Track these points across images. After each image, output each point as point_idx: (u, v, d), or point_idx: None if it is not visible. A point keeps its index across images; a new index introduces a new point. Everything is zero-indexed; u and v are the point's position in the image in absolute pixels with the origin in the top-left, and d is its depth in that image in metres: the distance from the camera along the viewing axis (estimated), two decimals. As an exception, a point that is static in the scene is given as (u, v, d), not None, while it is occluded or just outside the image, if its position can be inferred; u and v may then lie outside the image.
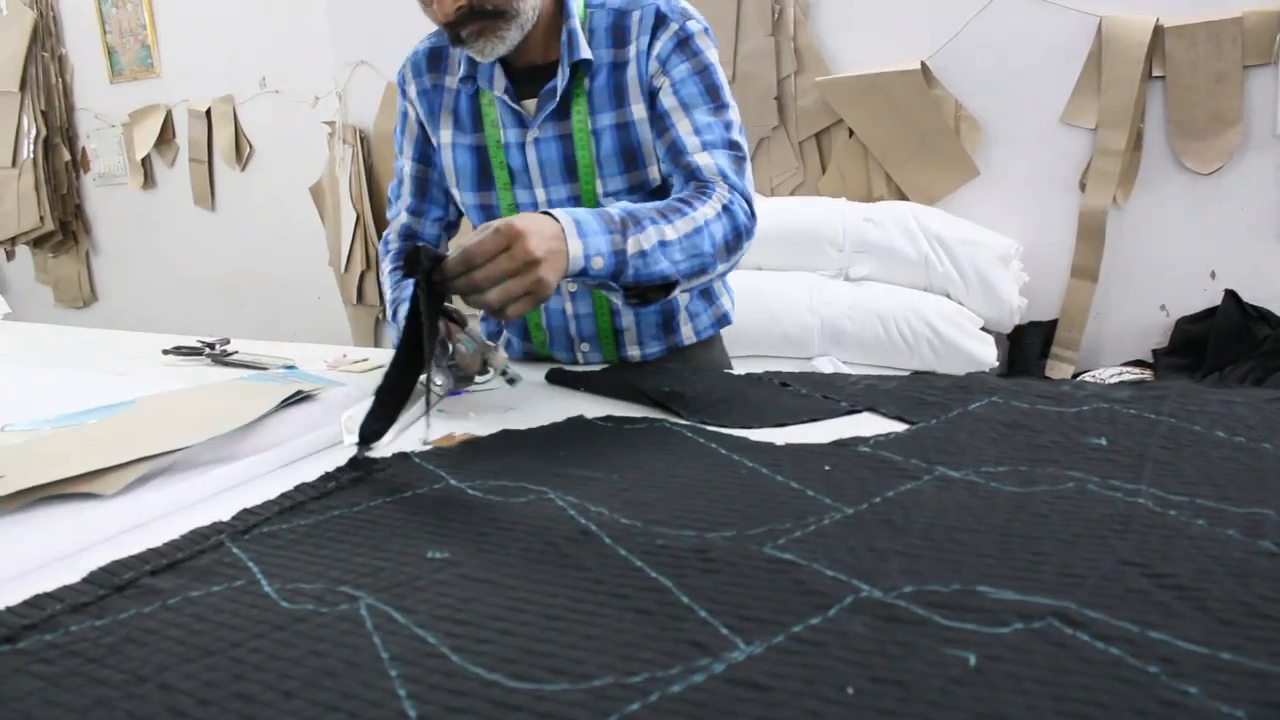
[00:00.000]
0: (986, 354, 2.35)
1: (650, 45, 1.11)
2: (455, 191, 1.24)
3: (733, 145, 1.10)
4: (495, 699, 0.44)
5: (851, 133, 2.68)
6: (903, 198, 2.64)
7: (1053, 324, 2.55)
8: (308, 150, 3.74)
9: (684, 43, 1.11)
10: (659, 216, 0.97)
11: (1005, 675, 0.43)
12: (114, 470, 0.77)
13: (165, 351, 1.41)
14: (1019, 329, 2.55)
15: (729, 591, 0.53)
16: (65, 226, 4.66)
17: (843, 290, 2.46)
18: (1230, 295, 2.31)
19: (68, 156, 4.57)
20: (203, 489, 0.78)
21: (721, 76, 1.13)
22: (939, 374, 1.05)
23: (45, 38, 4.44)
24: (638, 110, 1.13)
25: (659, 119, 1.12)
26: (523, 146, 1.16)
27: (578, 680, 0.45)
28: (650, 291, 0.99)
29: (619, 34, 1.13)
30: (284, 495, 0.75)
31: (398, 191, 1.29)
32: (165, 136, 4.23)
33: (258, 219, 4.08)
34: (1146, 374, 2.35)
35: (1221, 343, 2.27)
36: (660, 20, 1.11)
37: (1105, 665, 0.43)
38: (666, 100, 1.11)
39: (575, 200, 1.16)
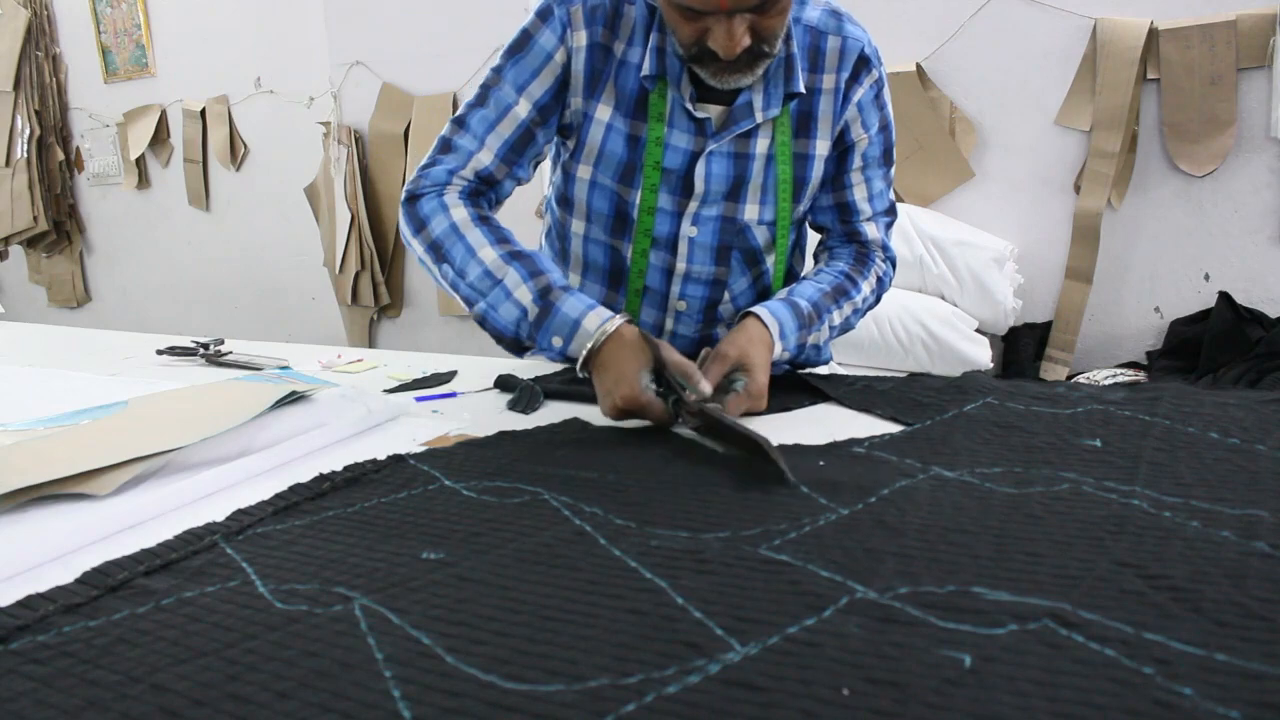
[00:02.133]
0: (981, 355, 2.36)
1: (851, 87, 1.06)
2: (583, 168, 1.09)
3: (891, 210, 1.16)
4: (490, 700, 0.44)
5: (847, 134, 2.68)
6: (898, 199, 2.65)
7: (1047, 325, 2.56)
8: (303, 151, 3.74)
9: (879, 96, 1.09)
10: (833, 303, 1.07)
11: (1001, 676, 0.43)
12: (107, 471, 0.77)
13: (159, 352, 1.40)
14: (1014, 330, 2.56)
15: (724, 592, 0.53)
16: (59, 226, 4.65)
17: (838, 292, 2.46)
18: (1224, 297, 2.32)
19: (62, 156, 4.55)
20: (197, 489, 0.78)
21: (894, 132, 1.13)
22: (934, 375, 1.05)
23: (39, 37, 4.43)
24: (821, 146, 1.08)
25: (840, 171, 1.11)
26: (690, 154, 1.05)
27: (573, 681, 0.45)
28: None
29: (814, 57, 1.05)
30: (278, 496, 0.75)
31: (483, 124, 1.06)
32: (160, 136, 4.23)
33: (252, 219, 4.07)
34: (1141, 376, 2.36)
35: (1215, 344, 2.28)
36: (865, 62, 1.06)
37: (1100, 666, 0.43)
38: (855, 159, 1.10)
39: (720, 220, 1.08)
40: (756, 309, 1.01)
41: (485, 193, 1.08)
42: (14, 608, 0.57)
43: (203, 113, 4.02)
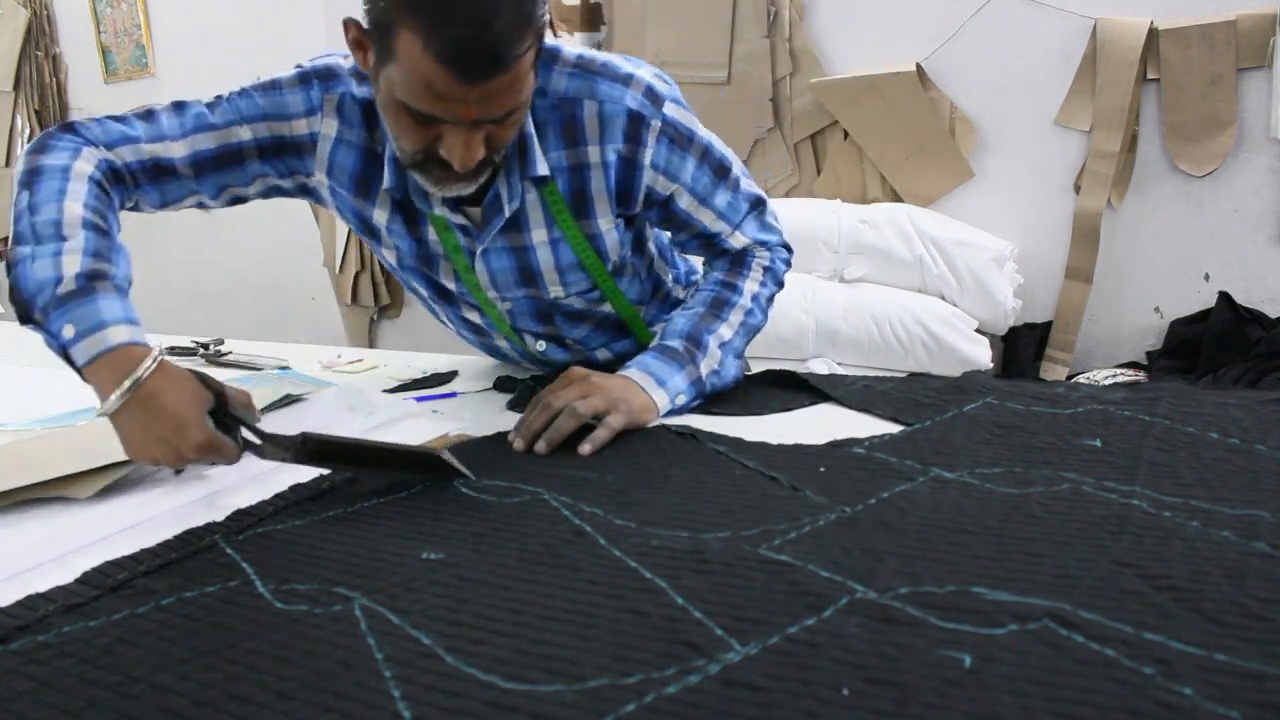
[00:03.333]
0: (981, 356, 2.36)
1: (637, 153, 0.96)
2: (382, 252, 1.06)
3: (755, 204, 1.07)
4: (490, 700, 0.44)
5: (847, 134, 2.68)
6: (898, 199, 2.65)
7: (1047, 326, 2.56)
8: (303, 151, 3.74)
9: (675, 139, 0.97)
10: (714, 320, 1.01)
11: (1001, 676, 0.43)
12: (88, 475, 0.77)
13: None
14: (1013, 331, 2.56)
15: (724, 593, 0.53)
16: (59, 226, 4.64)
17: (838, 292, 2.46)
18: (1224, 297, 2.31)
19: (62, 156, 4.55)
20: (196, 489, 0.78)
21: (716, 142, 1.03)
22: (934, 375, 1.05)
23: (39, 37, 4.43)
24: (603, 224, 1.00)
25: (675, 218, 1.03)
26: (471, 254, 1.01)
27: (573, 681, 0.45)
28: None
29: (570, 130, 0.95)
30: (278, 496, 0.75)
31: (162, 125, 0.99)
32: (160, 136, 4.22)
33: (252, 220, 4.06)
34: (1140, 376, 2.36)
35: (1215, 345, 2.28)
36: (637, 121, 0.94)
37: (1100, 666, 0.43)
38: (683, 201, 1.02)
39: (530, 299, 1.06)
40: (624, 371, 0.95)
41: (133, 182, 0.96)
42: (14, 608, 0.57)
43: (203, 113, 4.02)
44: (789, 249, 1.13)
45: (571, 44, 1.00)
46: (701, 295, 1.05)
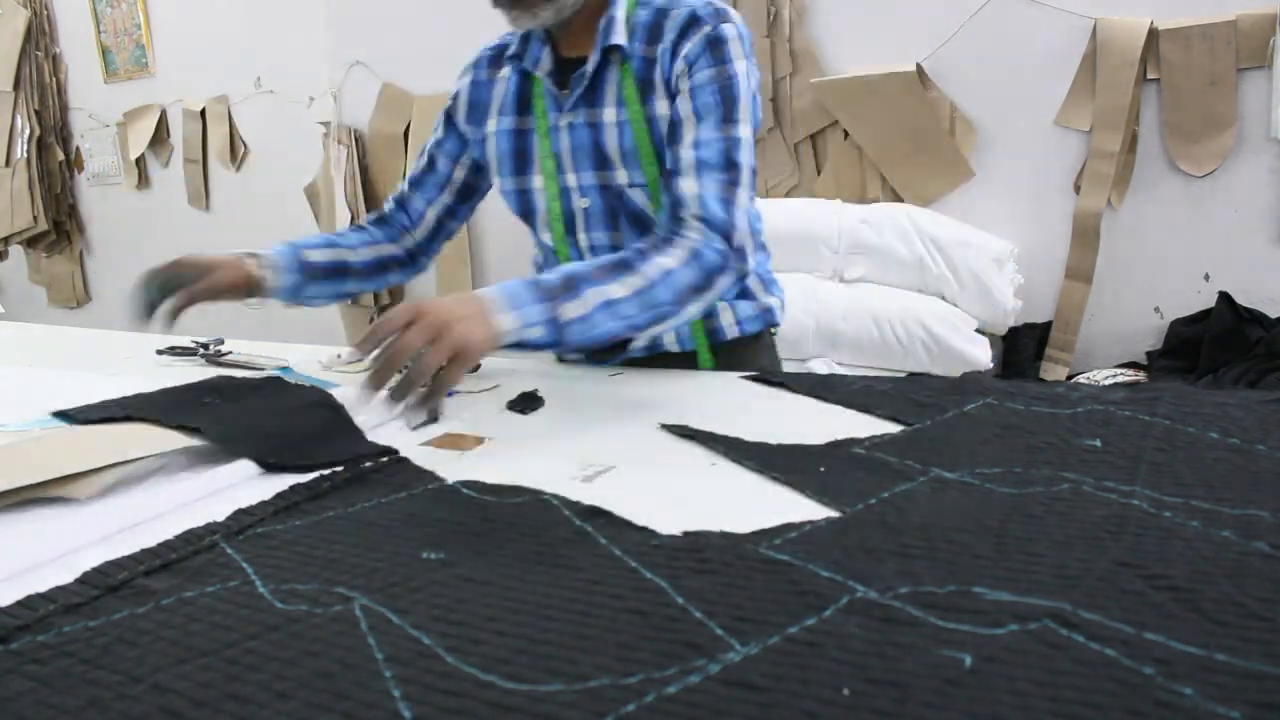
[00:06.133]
0: (981, 356, 2.36)
1: (678, 43, 1.10)
2: (497, 180, 1.26)
3: (729, 166, 1.04)
4: (490, 700, 0.44)
5: (847, 134, 2.68)
6: (898, 199, 2.65)
7: (1047, 326, 2.56)
8: (303, 151, 3.74)
9: (714, 45, 1.07)
10: (604, 276, 0.95)
11: (1001, 676, 0.43)
12: (89, 475, 0.76)
13: (159, 352, 1.40)
14: (1013, 331, 2.56)
15: (724, 592, 0.53)
16: (59, 226, 4.64)
17: (838, 292, 2.46)
18: (1224, 297, 2.31)
19: (61, 156, 4.55)
20: (196, 489, 0.78)
21: (745, 90, 1.07)
22: (934, 375, 1.05)
23: (39, 37, 4.43)
24: (660, 106, 1.12)
25: (673, 125, 1.09)
26: (557, 130, 1.17)
27: (573, 681, 0.45)
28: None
29: (654, 31, 1.12)
30: (278, 495, 0.75)
31: (415, 167, 1.35)
32: (160, 136, 4.22)
33: (252, 219, 4.07)
34: (1141, 376, 2.36)
35: (1215, 345, 2.28)
36: (693, 20, 1.09)
37: (1101, 666, 0.43)
38: (682, 106, 1.07)
39: (600, 189, 1.17)
40: (477, 291, 0.92)
41: (397, 212, 1.36)
42: (14, 608, 0.57)
43: (203, 113, 4.02)
44: (734, 243, 1.03)
45: None
46: (607, 256, 0.99)
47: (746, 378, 1.09)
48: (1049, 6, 2.41)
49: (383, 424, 0.95)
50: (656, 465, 0.81)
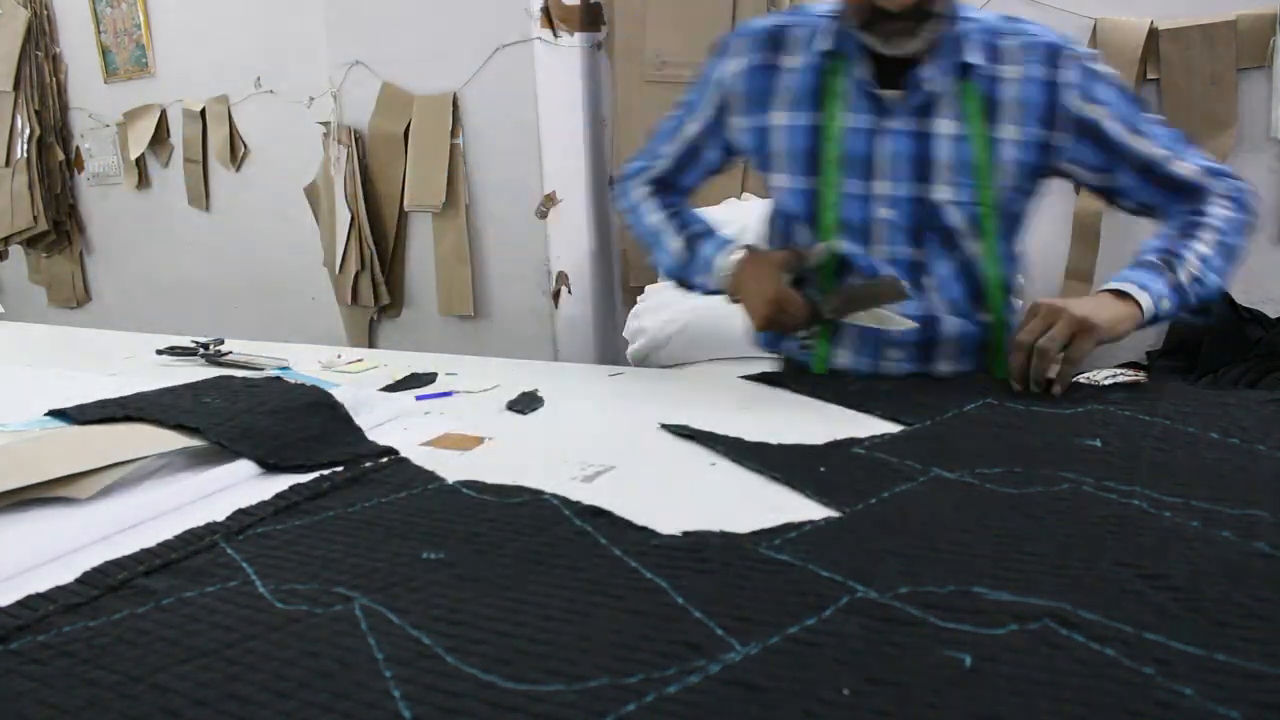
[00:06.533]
0: (981, 356, 2.36)
1: (1054, 74, 1.08)
2: (773, 176, 1.17)
3: (1183, 139, 1.12)
4: (490, 700, 0.44)
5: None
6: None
7: (1047, 326, 2.56)
8: (303, 151, 3.73)
9: (1089, 70, 1.09)
10: (1186, 239, 1.06)
11: (1001, 676, 0.43)
12: (89, 475, 0.76)
13: (159, 352, 1.40)
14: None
15: (724, 592, 0.53)
16: (59, 226, 4.64)
17: (838, 292, 2.46)
18: (1224, 297, 2.31)
19: (62, 156, 4.55)
20: (196, 489, 0.78)
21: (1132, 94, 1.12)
22: (934, 375, 1.05)
23: (39, 37, 4.43)
24: (1011, 130, 1.08)
25: (1110, 147, 1.09)
26: (871, 134, 1.10)
27: (573, 681, 0.45)
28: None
29: (992, 52, 1.09)
30: (278, 496, 0.75)
31: (659, 144, 1.27)
32: (160, 136, 4.22)
33: (252, 219, 4.07)
34: (1141, 376, 2.35)
35: (1215, 345, 2.27)
36: (1055, 51, 1.09)
37: (1101, 666, 0.43)
38: (1112, 127, 1.08)
39: (912, 201, 1.10)
40: (1109, 284, 1.03)
41: (666, 188, 1.28)
42: (14, 608, 0.57)
43: (203, 113, 4.02)
44: (1241, 181, 1.13)
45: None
46: (1168, 228, 1.09)
47: (746, 378, 1.09)
48: (1049, 6, 2.41)
49: (382, 424, 0.95)
50: (656, 465, 0.81)
